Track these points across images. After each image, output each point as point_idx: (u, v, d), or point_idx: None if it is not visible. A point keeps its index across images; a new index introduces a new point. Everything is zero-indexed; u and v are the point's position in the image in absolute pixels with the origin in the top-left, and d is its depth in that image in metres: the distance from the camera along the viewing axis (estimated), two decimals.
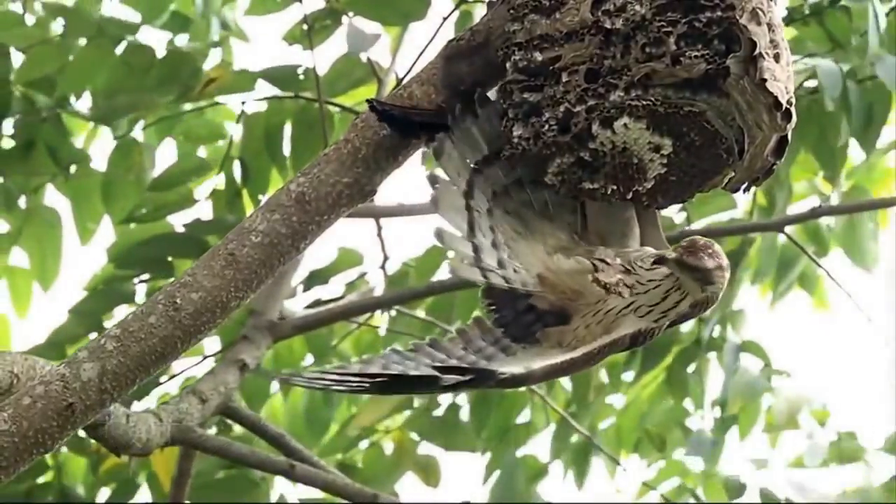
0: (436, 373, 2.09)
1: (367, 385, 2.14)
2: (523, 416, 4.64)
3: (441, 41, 4.25)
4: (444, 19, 3.94)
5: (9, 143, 4.27)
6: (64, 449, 4.23)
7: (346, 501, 3.65)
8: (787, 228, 4.26)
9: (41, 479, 4.33)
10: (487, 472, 4.62)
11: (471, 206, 2.20)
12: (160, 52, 4.13)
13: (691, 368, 4.67)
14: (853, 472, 4.67)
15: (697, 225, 4.34)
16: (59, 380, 2.08)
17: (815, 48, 4.00)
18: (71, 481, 4.37)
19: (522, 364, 2.14)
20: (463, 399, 4.56)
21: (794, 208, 4.56)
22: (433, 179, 2.19)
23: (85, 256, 4.46)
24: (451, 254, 2.22)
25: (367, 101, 2.23)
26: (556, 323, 2.21)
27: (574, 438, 4.64)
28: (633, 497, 4.92)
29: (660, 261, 2.13)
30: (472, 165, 2.20)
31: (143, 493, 4.35)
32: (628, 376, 4.67)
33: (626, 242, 2.22)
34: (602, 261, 2.15)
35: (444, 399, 4.57)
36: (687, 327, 4.47)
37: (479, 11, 4.31)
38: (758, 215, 4.60)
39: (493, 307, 2.25)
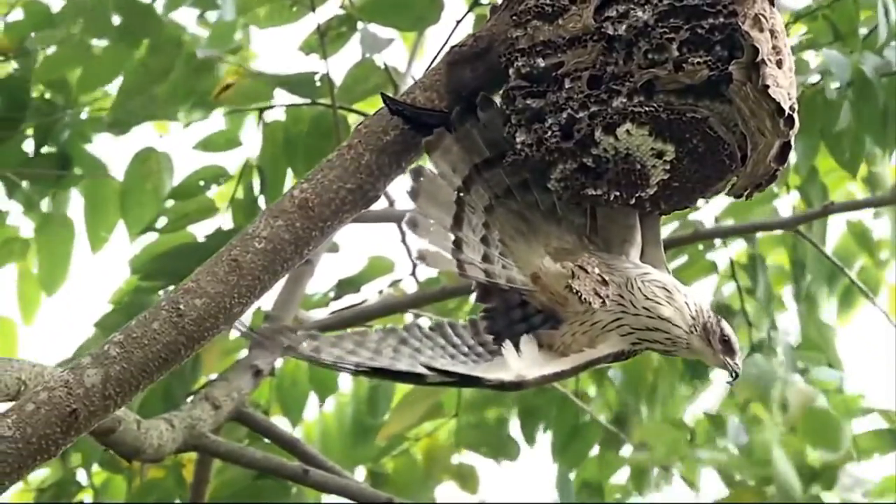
0: (424, 371, 2.13)
1: (355, 370, 2.17)
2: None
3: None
4: (458, 22, 3.93)
5: (30, 146, 4.24)
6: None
7: None
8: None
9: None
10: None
11: (463, 201, 2.21)
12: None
13: None
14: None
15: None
16: (63, 386, 2.07)
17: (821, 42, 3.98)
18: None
19: (515, 371, 2.15)
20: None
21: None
22: (417, 172, 2.20)
23: (100, 266, 4.43)
24: (421, 243, 2.21)
25: (381, 94, 2.23)
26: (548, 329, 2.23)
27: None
28: None
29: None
30: (473, 164, 2.21)
31: None
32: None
33: (626, 249, 2.23)
34: (582, 268, 2.16)
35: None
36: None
37: None
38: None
39: (488, 314, 2.27)
